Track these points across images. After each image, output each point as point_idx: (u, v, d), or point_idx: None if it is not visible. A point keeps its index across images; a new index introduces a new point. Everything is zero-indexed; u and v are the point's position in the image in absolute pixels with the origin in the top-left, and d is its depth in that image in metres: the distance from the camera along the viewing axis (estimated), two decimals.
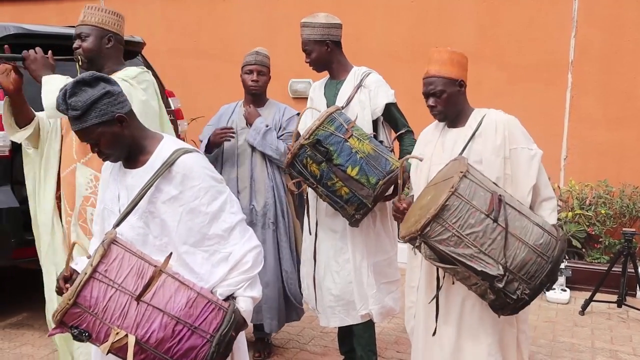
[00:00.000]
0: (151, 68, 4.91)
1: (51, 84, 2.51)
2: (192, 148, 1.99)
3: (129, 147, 1.95)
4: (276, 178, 3.46)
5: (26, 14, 7.26)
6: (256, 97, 3.49)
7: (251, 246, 1.94)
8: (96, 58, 2.65)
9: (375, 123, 3.02)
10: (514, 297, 2.06)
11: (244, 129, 3.45)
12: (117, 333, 1.75)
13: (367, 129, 2.93)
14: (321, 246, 3.10)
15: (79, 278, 1.77)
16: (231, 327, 1.84)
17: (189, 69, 6.88)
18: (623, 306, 4.36)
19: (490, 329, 2.31)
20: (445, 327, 2.36)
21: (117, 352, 1.79)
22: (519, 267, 2.05)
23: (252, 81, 3.42)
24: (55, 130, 2.72)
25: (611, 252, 4.91)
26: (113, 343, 1.75)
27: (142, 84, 2.61)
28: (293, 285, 3.49)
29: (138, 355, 1.77)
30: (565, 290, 4.69)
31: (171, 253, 1.86)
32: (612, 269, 4.38)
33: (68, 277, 1.90)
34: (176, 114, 5.15)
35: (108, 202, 2.04)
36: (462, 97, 2.43)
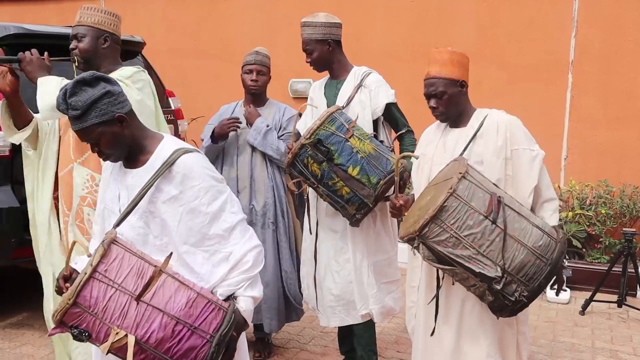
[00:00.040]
0: (151, 68, 4.92)
1: (46, 85, 2.50)
2: (193, 148, 1.99)
3: (129, 147, 1.94)
4: (276, 178, 3.46)
5: (26, 14, 7.26)
6: (256, 97, 3.49)
7: (252, 246, 1.94)
8: (92, 58, 2.64)
9: (375, 123, 3.02)
10: (512, 299, 2.05)
11: (244, 129, 3.45)
12: (117, 333, 1.75)
13: (368, 129, 2.93)
14: (321, 246, 3.10)
15: (79, 278, 1.77)
16: (231, 327, 1.83)
17: (189, 69, 6.88)
18: (623, 306, 4.36)
19: (489, 330, 2.30)
20: (445, 328, 2.36)
21: (117, 352, 1.78)
22: (518, 269, 2.05)
23: (252, 81, 3.42)
24: (53, 131, 2.71)
25: (611, 252, 4.91)
26: (113, 343, 1.75)
27: (138, 84, 2.60)
28: (292, 285, 3.49)
29: (138, 355, 1.77)
30: (565, 290, 4.68)
31: (171, 253, 1.86)
32: (613, 269, 4.38)
33: (68, 277, 1.90)
34: (176, 114, 5.16)
35: (108, 202, 2.04)
36: (464, 98, 2.41)
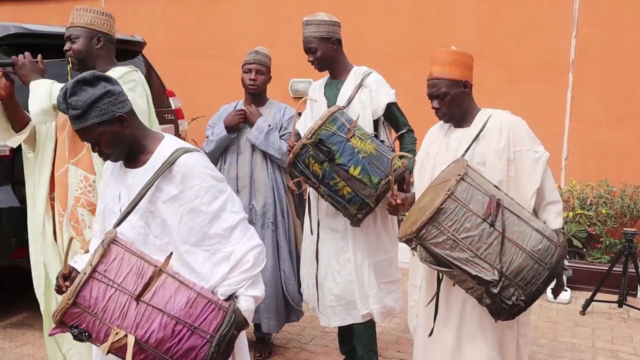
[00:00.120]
0: (152, 68, 4.92)
1: (38, 89, 2.51)
2: (193, 147, 1.99)
3: (130, 147, 1.94)
4: (276, 177, 3.45)
5: (26, 14, 7.26)
6: (256, 97, 3.48)
7: (252, 245, 1.93)
8: (86, 59, 2.64)
9: (376, 123, 3.01)
10: (510, 303, 2.04)
11: (245, 128, 3.45)
12: (117, 333, 1.75)
13: (368, 129, 2.92)
14: (322, 246, 3.10)
15: (79, 278, 1.77)
16: (231, 327, 1.83)
17: (189, 69, 6.87)
18: (624, 306, 4.35)
19: (490, 332, 2.29)
20: (445, 329, 2.35)
21: (117, 352, 1.78)
22: (515, 273, 2.03)
23: (250, 80, 3.41)
24: (50, 132, 2.71)
25: (612, 252, 4.91)
26: (113, 343, 1.75)
27: (129, 84, 2.59)
28: (291, 285, 3.48)
29: (138, 355, 1.77)
30: (566, 290, 4.68)
31: (171, 253, 1.86)
32: (613, 269, 4.38)
33: (67, 275, 1.91)
34: (177, 114, 5.16)
35: (109, 202, 2.03)
36: (467, 98, 2.38)
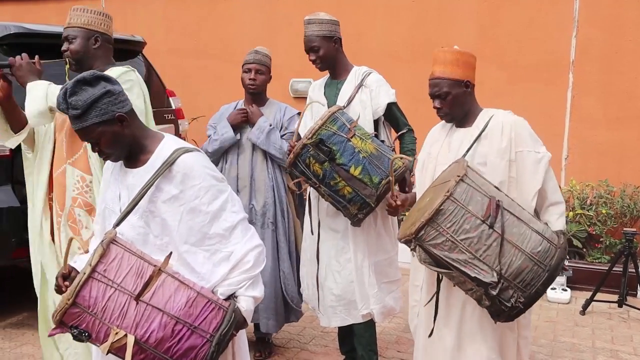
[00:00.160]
0: (152, 68, 4.92)
1: (35, 90, 2.51)
2: (193, 147, 1.99)
3: (130, 147, 1.94)
4: (277, 177, 3.45)
5: (26, 14, 7.26)
6: (256, 97, 3.48)
7: (252, 245, 1.93)
8: (84, 59, 2.64)
9: (376, 123, 3.01)
10: (509, 305, 2.04)
11: (245, 128, 3.45)
12: (117, 333, 1.75)
13: (369, 129, 2.92)
14: (323, 246, 3.10)
15: (78, 278, 1.77)
16: (231, 327, 1.83)
17: (189, 69, 6.87)
18: (624, 306, 4.35)
19: (490, 333, 2.29)
20: (446, 330, 2.35)
21: (117, 352, 1.78)
22: (515, 275, 2.02)
23: (250, 79, 3.41)
24: (49, 132, 2.72)
25: (612, 252, 4.90)
26: (112, 343, 1.75)
27: (126, 84, 2.58)
28: (290, 286, 3.48)
29: (137, 355, 1.77)
30: (566, 290, 4.68)
31: (171, 253, 1.86)
32: (613, 269, 4.38)
33: (67, 275, 1.91)
34: (177, 114, 5.16)
35: (109, 202, 2.03)
36: (469, 98, 2.37)
